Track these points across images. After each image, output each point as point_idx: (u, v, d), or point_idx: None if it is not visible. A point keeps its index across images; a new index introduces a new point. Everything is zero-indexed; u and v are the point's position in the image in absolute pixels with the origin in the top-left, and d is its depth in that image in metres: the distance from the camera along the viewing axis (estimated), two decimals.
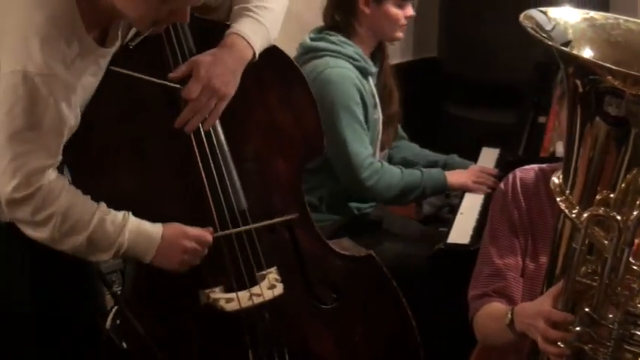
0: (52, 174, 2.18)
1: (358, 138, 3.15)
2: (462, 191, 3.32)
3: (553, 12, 1.89)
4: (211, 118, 2.37)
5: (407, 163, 3.48)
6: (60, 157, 2.20)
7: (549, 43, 1.79)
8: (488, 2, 4.39)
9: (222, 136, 2.44)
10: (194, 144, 2.39)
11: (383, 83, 3.37)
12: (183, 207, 2.44)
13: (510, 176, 2.29)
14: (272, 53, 2.52)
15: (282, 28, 2.54)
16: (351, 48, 3.21)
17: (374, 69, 3.30)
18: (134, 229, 2.28)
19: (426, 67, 4.85)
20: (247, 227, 2.46)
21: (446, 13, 4.72)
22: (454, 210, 3.25)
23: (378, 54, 3.36)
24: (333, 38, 3.22)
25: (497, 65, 4.39)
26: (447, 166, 3.50)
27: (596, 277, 1.80)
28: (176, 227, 2.35)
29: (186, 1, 2.12)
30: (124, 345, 2.42)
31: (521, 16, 1.84)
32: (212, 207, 2.42)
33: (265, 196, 2.56)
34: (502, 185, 2.29)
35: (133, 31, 2.34)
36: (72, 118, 2.16)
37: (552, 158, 3.00)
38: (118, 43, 2.30)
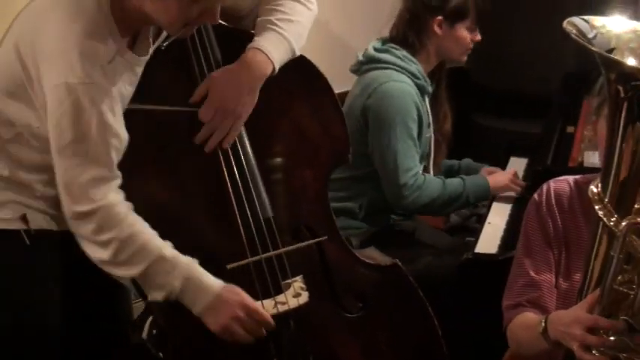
0: (115, 196, 2.20)
1: (409, 153, 3.17)
2: (490, 200, 3.32)
3: (596, 20, 1.89)
4: (229, 137, 2.38)
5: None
6: (118, 174, 2.21)
7: (593, 49, 1.78)
8: (516, 13, 4.39)
9: (248, 148, 2.44)
10: (221, 157, 2.40)
11: (439, 103, 3.42)
12: (209, 216, 2.44)
13: (544, 187, 2.27)
14: (298, 62, 2.53)
15: (308, 37, 2.54)
16: (414, 65, 3.25)
17: (430, 89, 3.33)
18: (193, 276, 2.26)
19: (455, 78, 4.83)
20: (277, 252, 2.45)
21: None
22: (481, 220, 3.24)
23: (436, 73, 3.40)
24: (398, 53, 3.25)
25: (525, 75, 4.39)
26: (461, 171, 3.54)
27: (634, 286, 1.79)
28: (235, 291, 2.32)
29: (216, 2, 2.12)
30: (161, 355, 2.41)
31: (565, 23, 1.84)
32: (238, 219, 2.41)
33: (292, 205, 2.55)
34: (536, 196, 2.27)
35: (163, 35, 2.36)
36: (118, 126, 2.18)
37: (581, 168, 2.99)
38: (150, 50, 2.31)
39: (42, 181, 2.28)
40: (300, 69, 2.54)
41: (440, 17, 3.24)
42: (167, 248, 2.25)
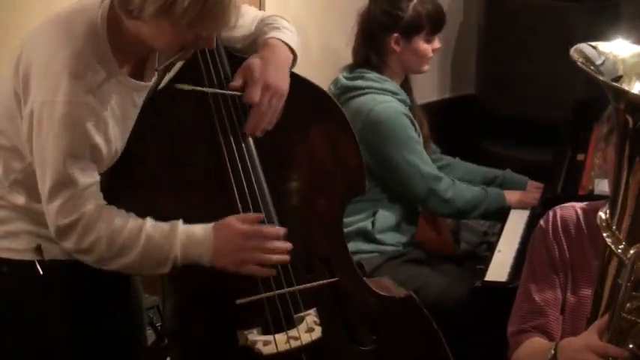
0: (93, 202, 2.21)
1: (426, 160, 3.26)
2: (500, 227, 3.32)
3: (603, 46, 1.89)
4: (273, 117, 2.40)
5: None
6: (98, 184, 2.23)
7: (600, 78, 1.78)
8: (526, 40, 4.40)
9: (262, 178, 2.43)
10: (235, 190, 2.39)
11: (414, 112, 3.42)
12: None
13: (550, 213, 2.27)
14: (312, 90, 2.54)
15: (319, 64, 2.55)
16: (389, 83, 3.29)
17: (409, 100, 3.37)
18: (184, 238, 2.27)
19: (464, 105, 4.85)
20: (290, 290, 2.43)
21: (484, 51, 4.73)
22: (491, 247, 3.23)
23: (405, 85, 3.43)
24: (370, 75, 3.28)
25: (535, 102, 4.39)
26: (505, 183, 3.60)
27: None
28: (227, 226, 2.32)
29: (213, 26, 2.13)
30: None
31: (572, 51, 1.84)
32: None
33: (306, 237, 2.52)
34: (542, 223, 2.27)
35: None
36: (103, 144, 2.19)
37: (591, 196, 2.98)
38: (154, 79, 2.33)
39: None
40: (315, 100, 2.55)
41: (396, 34, 3.27)
42: (148, 224, 2.26)
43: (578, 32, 4.11)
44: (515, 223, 3.35)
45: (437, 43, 3.36)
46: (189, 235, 2.28)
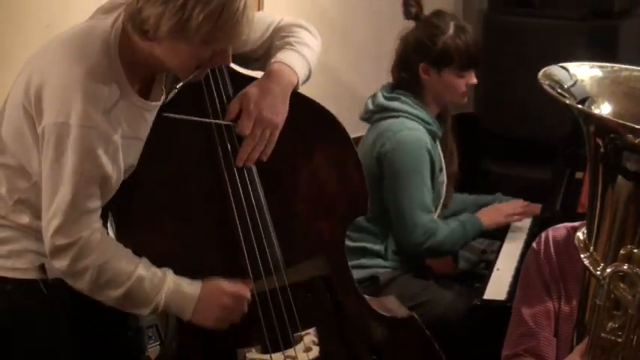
0: (92, 226, 2.22)
1: (425, 201, 3.20)
2: (499, 246, 3.32)
3: (574, 68, 1.88)
4: (267, 149, 2.40)
5: (457, 214, 3.51)
6: (99, 210, 2.24)
7: (567, 101, 1.78)
8: (525, 59, 4.40)
9: (261, 194, 2.43)
10: (232, 203, 2.39)
11: (445, 144, 3.43)
12: (220, 261, 2.43)
13: (543, 235, 2.27)
14: (319, 113, 2.54)
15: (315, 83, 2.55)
16: (424, 111, 3.28)
17: (440, 132, 3.35)
18: (171, 289, 2.30)
19: (464, 123, 4.85)
20: (282, 284, 2.43)
21: (483, 70, 4.73)
22: (490, 266, 3.24)
23: (442, 116, 3.42)
24: (407, 99, 3.27)
25: (534, 121, 4.39)
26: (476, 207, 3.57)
27: (621, 333, 1.78)
28: (213, 285, 2.36)
29: (228, 41, 2.15)
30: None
31: (540, 74, 1.84)
32: (249, 268, 2.41)
33: (305, 255, 2.52)
34: (534, 245, 2.27)
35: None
36: (112, 170, 2.20)
37: None
38: (162, 98, 2.34)
39: None
40: (320, 120, 2.55)
41: (424, 63, 3.27)
42: (142, 266, 2.27)
43: (577, 52, 4.12)
44: (514, 242, 3.36)
45: (472, 78, 3.34)
46: (177, 288, 2.31)
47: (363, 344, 2.59)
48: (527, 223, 3.52)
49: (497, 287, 3.02)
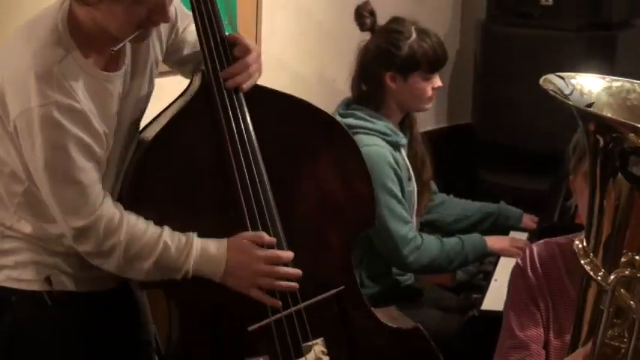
0: (106, 202, 2.23)
1: (397, 215, 3.13)
2: (497, 257, 3.31)
3: (571, 77, 1.89)
4: (253, 78, 2.43)
5: (460, 221, 3.51)
6: (100, 182, 2.24)
7: (570, 103, 1.79)
8: (522, 69, 4.41)
9: (273, 204, 2.44)
10: (247, 218, 2.40)
11: (414, 151, 3.34)
12: None
13: (527, 250, 2.28)
14: (328, 123, 2.56)
15: (314, 94, 2.56)
16: (381, 122, 3.18)
17: (404, 140, 3.26)
18: (199, 254, 2.30)
19: (461, 134, 4.87)
20: (297, 308, 2.45)
21: (480, 80, 4.75)
22: (488, 277, 3.23)
23: (406, 122, 3.33)
24: (362, 114, 3.19)
25: (531, 132, 4.40)
26: (499, 218, 3.53)
27: (625, 340, 1.78)
28: (242, 250, 2.36)
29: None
30: None
31: (541, 80, 1.85)
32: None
33: (316, 268, 2.52)
34: (519, 261, 2.28)
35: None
36: (86, 136, 2.18)
37: None
38: (125, 68, 2.33)
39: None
40: (327, 128, 2.56)
41: (391, 72, 3.17)
42: (166, 234, 2.29)
43: (574, 62, 4.13)
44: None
45: (437, 82, 3.23)
46: (203, 251, 2.31)
47: (369, 354, 2.61)
48: (525, 233, 3.51)
49: (495, 298, 3.01)
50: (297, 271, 2.40)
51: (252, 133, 2.41)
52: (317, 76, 4.02)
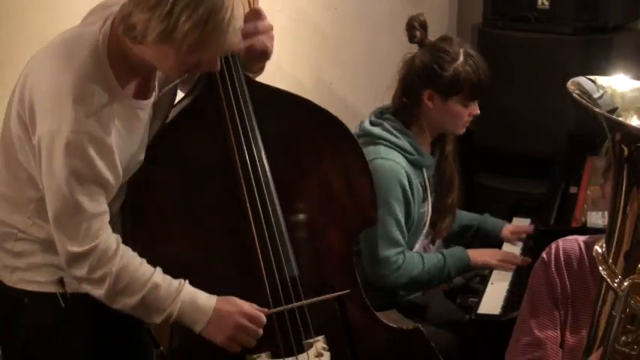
0: (106, 232, 2.25)
1: (388, 236, 3.05)
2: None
3: (601, 80, 1.89)
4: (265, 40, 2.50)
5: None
6: (107, 214, 2.26)
7: (596, 110, 1.79)
8: (519, 73, 4.41)
9: (277, 205, 2.46)
10: (250, 213, 2.42)
11: (442, 172, 3.29)
12: (235, 272, 2.46)
13: (553, 246, 2.25)
14: (331, 123, 2.58)
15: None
16: (406, 140, 3.11)
17: (430, 161, 3.21)
18: (187, 299, 2.32)
19: (458, 138, 4.86)
20: (300, 304, 2.46)
21: None
22: (484, 280, 3.23)
23: (438, 144, 3.28)
24: (389, 126, 3.12)
25: (528, 136, 4.40)
26: (480, 230, 3.51)
27: (636, 347, 1.78)
28: (231, 302, 2.37)
29: (214, 50, 2.17)
30: None
31: (569, 83, 1.84)
32: (264, 275, 2.43)
33: (317, 265, 2.56)
34: (544, 255, 2.24)
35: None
36: (107, 172, 2.21)
37: (584, 229, 2.98)
38: (155, 94, 2.37)
39: None
40: (331, 130, 2.58)
41: (430, 90, 3.09)
42: (158, 274, 2.30)
43: (571, 66, 4.14)
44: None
45: (476, 109, 3.17)
46: (192, 298, 2.32)
47: (369, 353, 2.62)
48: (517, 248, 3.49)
49: (491, 302, 3.01)
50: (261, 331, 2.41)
51: (257, 131, 2.44)
52: (314, 80, 4.02)
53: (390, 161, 3.05)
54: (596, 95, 1.87)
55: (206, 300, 2.34)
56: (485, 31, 4.64)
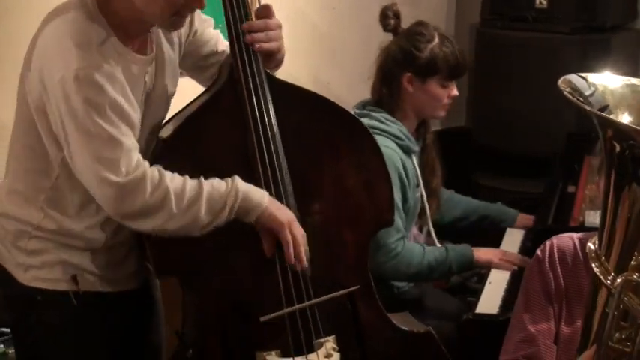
0: (145, 163, 2.23)
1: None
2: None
3: (593, 77, 1.89)
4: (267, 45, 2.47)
5: (459, 221, 3.53)
6: (136, 145, 2.24)
7: (586, 107, 1.78)
8: (517, 73, 4.42)
9: (293, 202, 2.46)
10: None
11: (426, 159, 3.35)
12: (250, 267, 2.46)
13: (547, 243, 2.26)
14: (349, 121, 2.59)
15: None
16: (395, 126, 3.18)
17: (417, 147, 3.27)
18: (243, 196, 2.30)
19: (456, 137, 4.87)
20: (311, 302, 2.46)
21: (475, 84, 4.75)
22: (482, 279, 3.23)
23: (421, 130, 3.34)
24: (377, 115, 3.19)
25: (526, 136, 4.40)
26: (495, 220, 3.57)
27: (629, 343, 1.78)
28: (278, 206, 2.38)
29: None
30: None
31: (560, 81, 1.84)
32: (278, 272, 2.43)
33: (331, 265, 2.55)
34: (539, 252, 2.26)
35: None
36: (124, 102, 2.21)
37: (582, 228, 2.98)
38: (152, 55, 2.36)
39: (90, 226, 2.34)
40: (350, 128, 2.58)
41: (409, 73, 3.18)
42: (203, 180, 2.29)
43: (569, 66, 4.12)
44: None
45: (454, 90, 3.25)
46: (245, 185, 2.32)
47: (380, 354, 2.61)
48: (519, 236, 3.50)
49: (489, 301, 3.01)
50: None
51: (276, 127, 2.44)
52: (311, 79, 4.02)
53: (385, 148, 3.05)
54: (587, 93, 1.87)
55: (258, 197, 2.33)
56: (484, 31, 4.64)
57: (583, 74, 1.89)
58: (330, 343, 2.49)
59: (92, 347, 2.41)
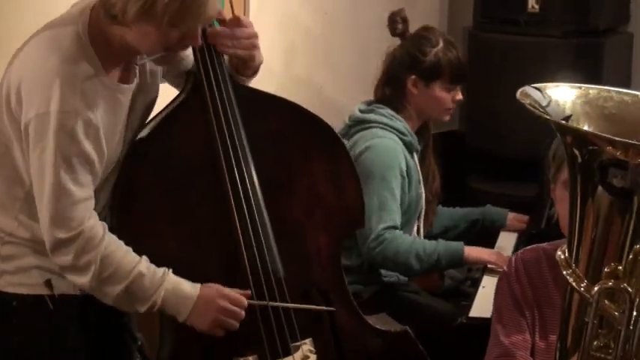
0: (92, 218, 2.24)
1: (386, 206, 3.15)
2: (482, 265, 3.31)
3: (549, 88, 1.89)
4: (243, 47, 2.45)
5: (449, 230, 3.54)
6: (93, 200, 2.26)
7: (547, 117, 1.78)
8: (508, 75, 4.42)
9: (262, 205, 2.46)
10: (235, 213, 2.42)
11: (426, 162, 3.42)
12: (220, 271, 2.46)
13: (513, 258, 2.30)
14: (319, 126, 2.58)
15: (303, 100, 2.56)
16: (400, 122, 3.25)
17: (419, 146, 3.33)
18: (171, 288, 2.31)
19: (449, 141, 4.86)
20: (284, 305, 2.46)
21: (468, 87, 4.74)
22: (476, 283, 3.23)
23: (423, 132, 3.40)
24: (383, 111, 3.26)
25: (519, 139, 4.40)
26: (485, 222, 3.59)
27: (611, 350, 1.78)
28: (213, 288, 2.38)
29: (195, 21, 2.17)
30: None
31: (518, 93, 1.84)
32: (249, 274, 2.44)
33: (304, 266, 2.57)
34: (505, 268, 2.30)
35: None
36: (94, 153, 2.22)
37: None
38: (136, 80, 2.37)
39: None
40: (319, 133, 2.59)
41: (414, 76, 3.26)
42: (143, 262, 2.30)
43: (561, 69, 4.13)
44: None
45: (458, 94, 3.33)
46: (175, 287, 2.32)
47: (358, 356, 2.62)
48: (513, 240, 3.51)
49: (483, 305, 3.00)
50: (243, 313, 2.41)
51: (243, 133, 2.44)
52: (305, 83, 4.02)
53: (388, 140, 3.20)
54: (543, 104, 1.87)
55: (189, 289, 2.34)
56: (476, 34, 4.65)
57: (538, 86, 1.89)
58: (306, 345, 2.50)
59: (70, 350, 2.40)
